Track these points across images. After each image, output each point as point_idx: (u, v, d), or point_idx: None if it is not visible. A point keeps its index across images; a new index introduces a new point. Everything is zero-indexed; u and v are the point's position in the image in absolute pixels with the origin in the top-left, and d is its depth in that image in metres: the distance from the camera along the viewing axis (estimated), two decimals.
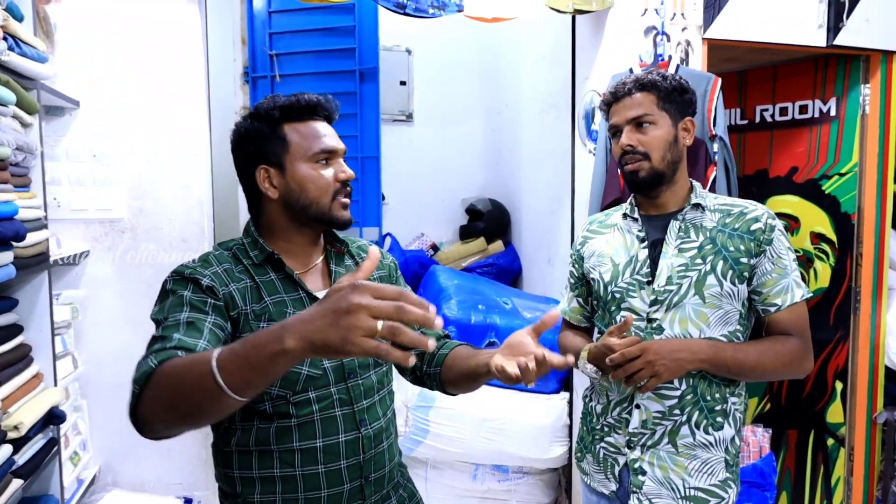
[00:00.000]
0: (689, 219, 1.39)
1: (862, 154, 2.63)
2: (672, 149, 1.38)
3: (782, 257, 1.34)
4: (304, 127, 1.10)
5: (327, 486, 1.08)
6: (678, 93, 1.40)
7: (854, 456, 2.68)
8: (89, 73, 1.82)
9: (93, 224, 1.86)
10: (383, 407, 1.16)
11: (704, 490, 1.35)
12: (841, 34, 2.46)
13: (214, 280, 1.04)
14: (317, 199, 1.09)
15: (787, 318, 1.34)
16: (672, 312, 1.34)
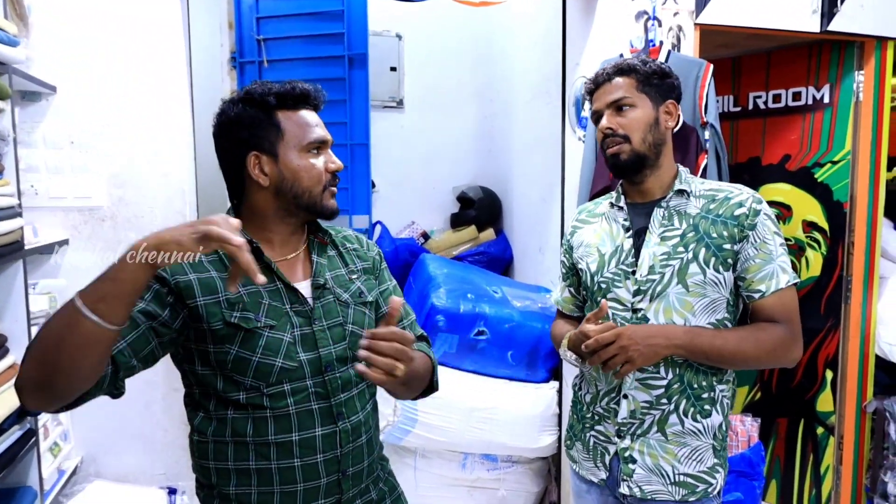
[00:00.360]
0: (672, 206, 1.38)
1: (855, 142, 2.61)
2: (653, 131, 1.37)
3: (767, 242, 1.32)
4: (297, 115, 1.09)
5: (303, 480, 1.07)
6: (658, 76, 1.39)
7: (843, 444, 2.69)
8: (66, 58, 1.78)
9: (72, 212, 1.82)
10: (362, 401, 1.15)
11: (693, 476, 1.35)
12: (835, 20, 2.42)
13: (168, 270, 1.01)
14: (309, 189, 1.09)
15: (771, 304, 1.31)
16: (656, 302, 1.33)
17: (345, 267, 1.18)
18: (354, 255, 1.22)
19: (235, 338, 1.03)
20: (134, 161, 1.85)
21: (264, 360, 1.04)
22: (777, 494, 2.91)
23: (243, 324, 1.03)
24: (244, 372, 1.04)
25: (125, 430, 1.92)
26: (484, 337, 2.52)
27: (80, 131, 1.80)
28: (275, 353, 1.05)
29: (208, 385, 1.06)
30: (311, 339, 1.08)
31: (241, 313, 1.03)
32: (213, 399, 1.07)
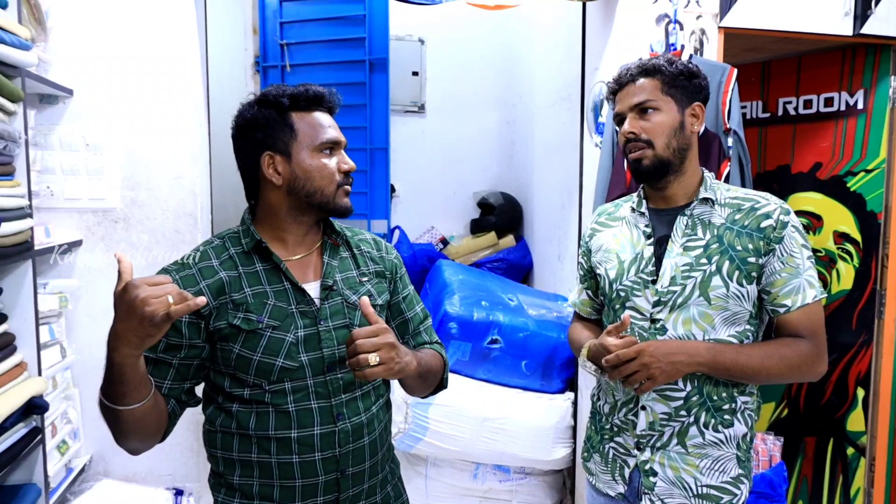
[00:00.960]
0: (696, 214, 1.32)
1: (890, 149, 2.49)
2: (678, 135, 1.31)
3: (794, 256, 1.27)
4: (310, 117, 1.12)
5: (301, 477, 1.09)
6: (685, 77, 1.32)
7: (875, 466, 2.56)
8: (83, 62, 1.81)
9: (86, 213, 1.85)
10: (366, 403, 1.15)
11: (717, 487, 1.31)
12: (869, 22, 2.32)
13: (181, 285, 1.05)
14: (321, 188, 1.11)
15: (797, 319, 1.27)
16: (676, 313, 1.29)
17: (356, 269, 1.19)
18: (368, 257, 1.23)
19: (238, 337, 1.07)
20: (147, 164, 1.87)
21: (265, 359, 1.07)
22: None
23: (244, 325, 1.06)
24: (246, 370, 1.08)
25: None
26: (497, 345, 2.48)
27: (95, 134, 1.83)
28: (276, 353, 1.07)
29: (216, 382, 1.11)
30: (315, 340, 1.10)
31: (244, 314, 1.07)
32: (222, 394, 1.11)
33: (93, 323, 1.89)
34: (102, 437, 1.93)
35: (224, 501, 1.13)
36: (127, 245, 1.88)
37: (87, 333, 1.88)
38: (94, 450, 1.92)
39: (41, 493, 1.52)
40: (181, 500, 1.91)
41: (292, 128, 1.10)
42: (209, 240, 1.16)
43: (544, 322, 2.56)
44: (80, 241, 1.84)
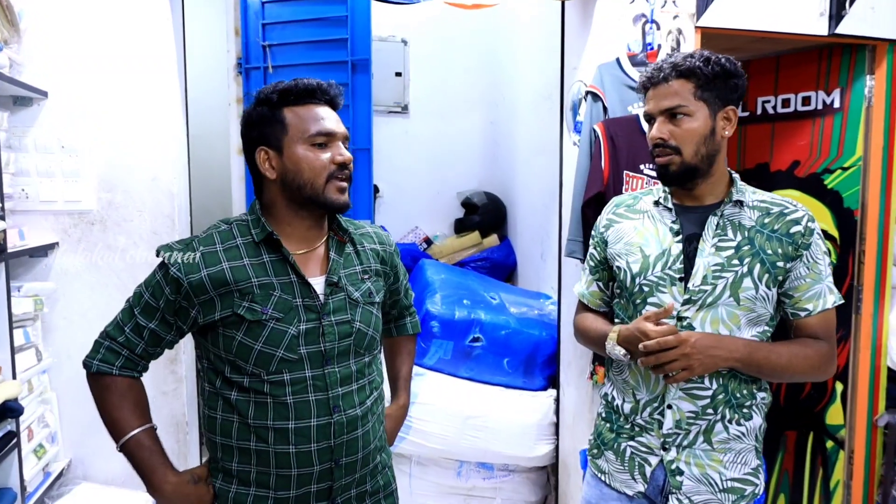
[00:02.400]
0: (727, 215, 1.33)
1: (866, 147, 2.52)
2: (708, 142, 1.29)
3: (818, 262, 1.30)
4: (304, 110, 1.13)
5: (297, 466, 1.12)
6: (721, 79, 1.29)
7: (854, 459, 2.59)
8: (57, 63, 1.80)
9: (62, 216, 1.84)
10: (361, 396, 1.18)
11: (740, 480, 1.33)
12: (844, 22, 2.35)
13: (182, 270, 1.10)
14: (311, 181, 1.11)
15: (816, 322, 1.32)
16: (704, 312, 1.29)
17: (359, 265, 1.22)
18: (372, 254, 1.26)
19: (241, 326, 1.10)
20: (123, 165, 1.87)
21: (266, 349, 1.10)
22: None
23: (248, 315, 1.09)
24: (246, 358, 1.10)
25: None
26: (479, 344, 2.49)
27: (70, 136, 1.82)
28: (276, 344, 1.10)
29: (216, 364, 1.14)
30: (316, 333, 1.13)
31: (248, 304, 1.09)
32: (220, 377, 1.14)
33: (70, 326, 1.88)
34: (82, 441, 1.92)
35: (222, 487, 1.16)
36: (104, 247, 1.87)
37: (64, 337, 1.87)
38: (73, 454, 1.91)
39: (17, 497, 1.51)
40: None
41: (283, 122, 1.12)
42: (216, 224, 1.19)
43: (526, 320, 2.57)
44: (55, 244, 1.83)
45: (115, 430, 1.15)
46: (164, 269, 1.13)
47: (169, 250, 1.13)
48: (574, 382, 2.40)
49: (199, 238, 1.15)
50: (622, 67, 2.13)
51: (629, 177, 2.06)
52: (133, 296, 1.18)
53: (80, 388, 1.90)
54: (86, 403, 1.90)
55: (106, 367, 1.15)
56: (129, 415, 1.14)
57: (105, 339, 1.18)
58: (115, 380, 1.16)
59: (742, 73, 1.33)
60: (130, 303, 1.18)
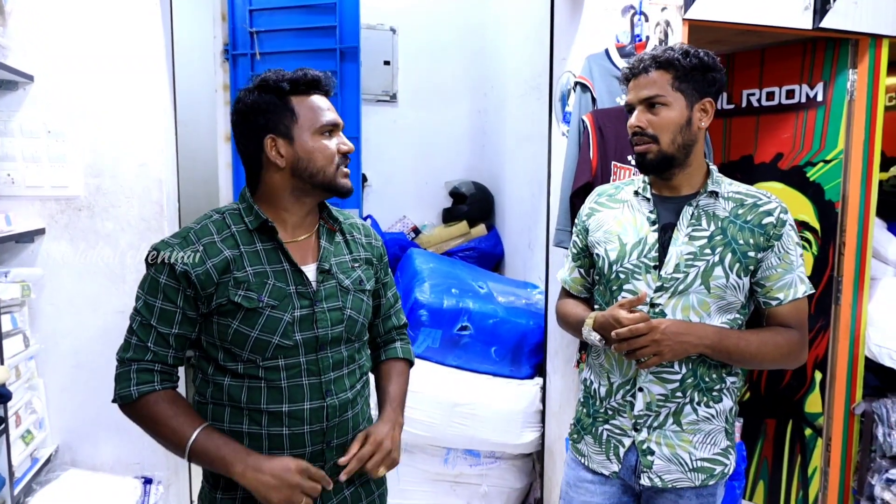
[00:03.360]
0: (702, 205, 1.36)
1: (848, 141, 2.57)
2: (684, 132, 1.33)
3: (789, 253, 1.34)
4: (309, 100, 1.16)
5: (290, 447, 1.14)
6: (699, 71, 1.33)
7: (831, 446, 2.66)
8: (43, 47, 1.77)
9: (48, 201, 1.83)
10: (352, 380, 1.21)
11: (710, 460, 1.38)
12: (828, 17, 2.39)
13: (187, 263, 1.10)
14: (323, 168, 1.15)
15: (787, 311, 1.36)
16: (676, 299, 1.33)
17: (349, 254, 1.24)
18: (360, 244, 1.28)
19: (237, 314, 1.11)
20: (111, 151, 1.85)
21: (262, 336, 1.11)
22: (764, 495, 2.89)
23: (245, 303, 1.11)
24: (242, 345, 1.12)
25: (102, 420, 1.92)
26: (467, 332, 2.51)
27: (57, 121, 1.80)
28: (272, 331, 1.12)
29: (208, 352, 1.15)
30: (310, 320, 1.15)
31: (245, 292, 1.11)
32: (212, 365, 1.15)
33: (57, 312, 1.87)
34: (69, 428, 1.92)
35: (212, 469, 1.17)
36: (92, 233, 1.86)
37: (51, 323, 1.86)
38: (61, 440, 1.90)
39: (5, 482, 1.51)
40: (150, 488, 1.91)
41: (293, 111, 1.14)
42: (208, 214, 1.19)
43: (513, 309, 2.59)
44: (42, 230, 1.82)
45: (177, 440, 1.09)
46: (167, 270, 1.11)
47: (168, 247, 1.12)
48: (560, 371, 2.44)
49: (194, 230, 1.15)
50: (611, 58, 2.15)
51: (617, 167, 2.08)
52: (141, 309, 1.13)
53: (67, 375, 1.90)
54: (72, 390, 1.91)
55: (147, 387, 1.11)
56: (185, 420, 1.10)
57: (130, 364, 1.13)
58: (160, 394, 1.12)
59: (720, 68, 1.36)
60: (142, 318, 1.13)
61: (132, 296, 1.91)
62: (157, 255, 1.12)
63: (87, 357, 1.89)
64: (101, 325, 1.89)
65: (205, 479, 1.22)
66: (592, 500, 1.44)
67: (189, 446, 1.07)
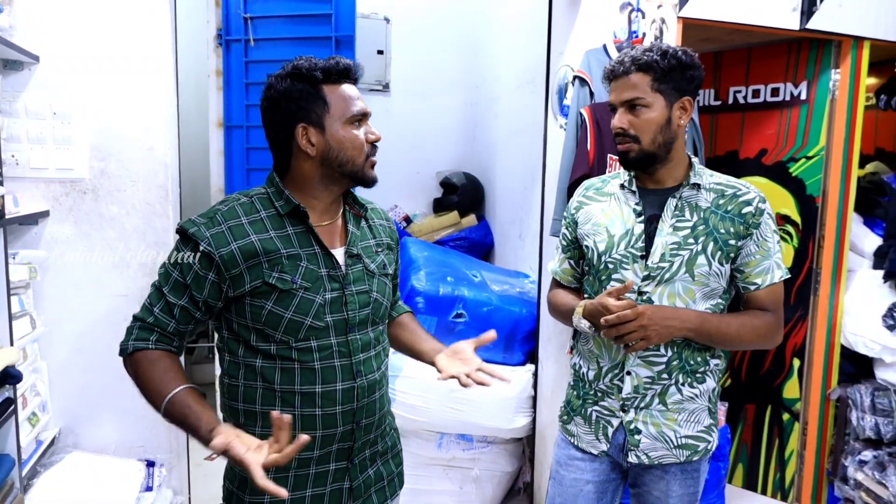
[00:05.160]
0: (685, 197, 1.43)
1: (829, 138, 2.67)
2: (664, 131, 1.39)
3: (767, 240, 1.41)
4: (340, 89, 1.17)
5: (322, 428, 1.17)
6: (678, 71, 1.39)
7: (808, 430, 2.78)
8: (50, 28, 1.76)
9: (53, 184, 1.82)
10: (378, 361, 1.25)
11: (694, 437, 1.45)
12: (814, 18, 2.48)
13: (212, 244, 1.11)
14: (353, 158, 1.16)
15: (765, 296, 1.43)
16: (662, 287, 1.40)
17: (373, 239, 1.28)
18: (381, 229, 1.32)
19: (271, 295, 1.13)
20: (117, 134, 1.85)
21: (295, 318, 1.13)
22: (743, 478, 3.00)
23: (280, 284, 1.13)
24: (275, 327, 1.14)
25: (104, 403, 1.93)
26: (462, 320, 2.56)
27: (62, 102, 1.79)
28: (305, 312, 1.14)
29: (240, 334, 1.17)
30: (339, 302, 1.17)
31: (279, 274, 1.13)
32: (242, 346, 1.17)
33: (61, 295, 1.87)
34: (71, 410, 1.92)
35: None
36: (96, 217, 1.86)
37: (55, 305, 1.86)
38: (63, 423, 1.91)
39: (15, 463, 1.52)
40: (153, 471, 1.92)
41: (325, 100, 1.15)
42: (234, 196, 1.20)
43: (507, 297, 2.65)
44: (47, 212, 1.81)
45: (155, 397, 1.10)
46: (191, 246, 1.13)
47: (194, 226, 1.14)
48: (553, 357, 2.50)
49: (221, 212, 1.16)
50: (608, 54, 2.20)
51: (612, 160, 2.14)
52: (160, 276, 1.17)
53: (70, 357, 1.91)
54: (75, 372, 1.92)
55: (142, 343, 1.14)
56: (165, 378, 1.11)
57: (135, 321, 1.17)
58: (150, 352, 1.14)
59: (698, 64, 1.43)
60: (158, 284, 1.17)
61: (136, 280, 1.94)
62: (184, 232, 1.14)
63: (90, 340, 1.90)
64: (105, 308, 1.89)
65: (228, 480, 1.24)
66: (582, 478, 1.52)
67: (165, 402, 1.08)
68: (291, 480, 1.18)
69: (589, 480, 1.51)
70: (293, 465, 1.17)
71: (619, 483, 1.54)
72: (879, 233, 2.73)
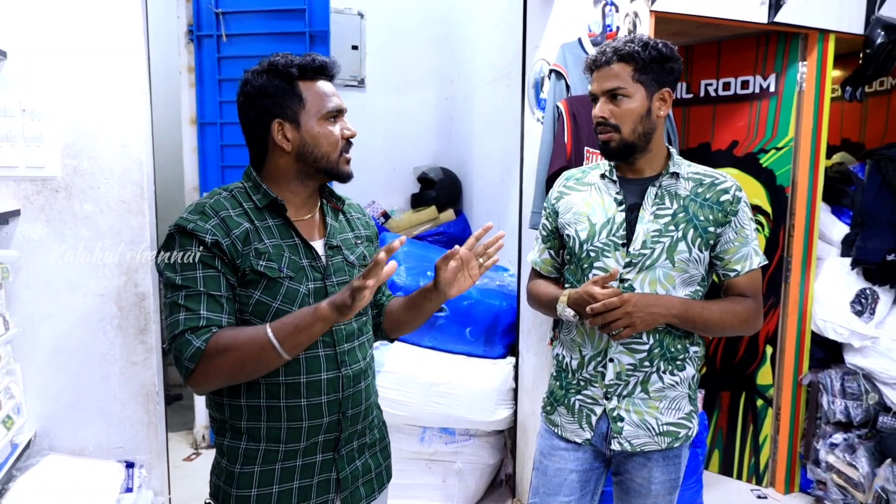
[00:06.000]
0: (665, 185, 1.46)
1: (797, 129, 2.74)
2: (644, 121, 1.42)
3: (745, 227, 1.45)
4: (315, 86, 1.18)
5: (308, 418, 1.17)
6: (657, 62, 1.42)
7: (781, 415, 2.85)
8: (18, 22, 1.72)
9: (24, 182, 1.78)
10: (363, 352, 1.25)
11: (675, 424, 1.48)
12: (782, 11, 2.53)
13: (216, 233, 1.11)
14: (327, 154, 1.17)
15: (744, 282, 1.47)
16: (643, 274, 1.43)
17: (351, 232, 1.29)
18: (360, 222, 1.33)
19: (259, 284, 1.13)
20: (89, 131, 1.81)
21: (282, 307, 1.14)
22: (719, 463, 3.07)
23: (268, 272, 1.13)
24: (262, 317, 1.13)
25: (81, 405, 1.89)
26: (443, 314, 2.57)
27: (32, 99, 1.75)
28: (292, 301, 1.15)
29: None
30: (322, 293, 1.18)
31: (266, 263, 1.14)
32: None
33: (34, 296, 1.83)
34: (48, 412, 1.89)
35: (230, 444, 1.19)
36: (70, 215, 1.82)
37: (29, 306, 1.82)
38: (39, 425, 1.87)
39: None
40: (133, 472, 1.90)
41: (300, 97, 1.16)
42: (216, 191, 1.19)
43: (487, 290, 2.67)
44: (17, 211, 1.77)
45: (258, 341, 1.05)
46: (196, 243, 1.11)
47: (191, 222, 1.12)
48: (534, 349, 2.53)
49: (209, 205, 1.15)
50: (584, 47, 2.23)
51: (590, 153, 2.17)
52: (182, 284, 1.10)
53: (45, 359, 1.87)
54: (51, 374, 1.88)
55: (208, 334, 1.07)
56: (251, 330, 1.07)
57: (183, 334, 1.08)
58: (221, 332, 1.07)
59: (677, 57, 1.46)
60: (187, 291, 1.09)
61: (112, 279, 1.91)
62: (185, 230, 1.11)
63: (66, 341, 1.86)
64: (81, 308, 1.86)
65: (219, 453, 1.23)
66: (566, 467, 1.54)
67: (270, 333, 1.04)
68: (278, 473, 1.18)
69: (573, 469, 1.53)
70: (279, 457, 1.18)
71: (601, 471, 1.57)
72: (846, 221, 2.81)
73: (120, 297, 1.89)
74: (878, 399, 2.62)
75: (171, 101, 3.26)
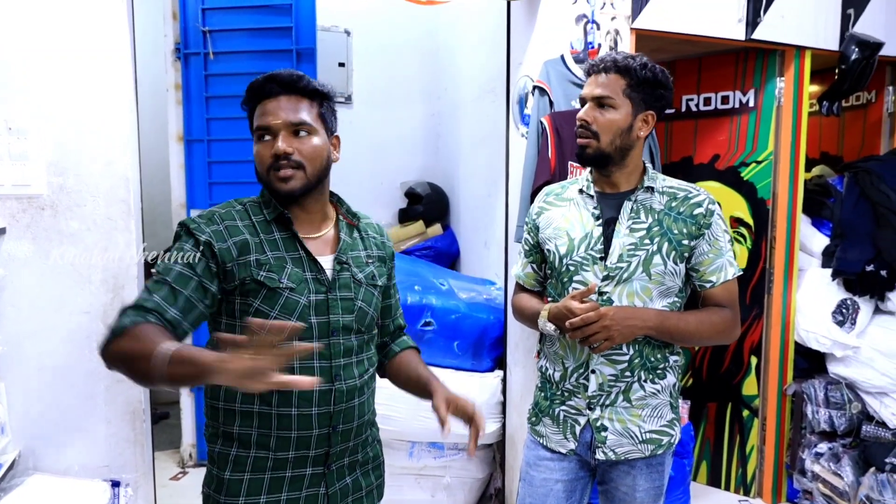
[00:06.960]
0: (640, 200, 1.49)
1: (777, 143, 2.80)
2: (623, 136, 1.45)
3: (718, 239, 1.48)
4: (261, 106, 1.21)
5: (298, 428, 1.19)
6: (649, 85, 1.45)
7: (766, 426, 2.88)
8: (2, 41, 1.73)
9: (9, 200, 1.77)
10: (360, 369, 1.26)
11: (657, 431, 1.51)
12: (759, 29, 2.60)
13: (213, 236, 1.16)
14: (261, 172, 1.21)
15: (720, 292, 1.50)
16: (621, 287, 1.45)
17: (364, 251, 1.30)
18: (373, 242, 1.34)
19: (259, 294, 1.16)
20: (75, 149, 1.81)
21: (281, 317, 1.16)
22: (707, 474, 3.09)
23: (268, 282, 1.16)
24: None
25: (66, 423, 1.88)
26: (431, 328, 2.58)
27: (18, 117, 1.75)
28: (291, 312, 1.17)
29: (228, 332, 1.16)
30: (324, 306, 1.20)
31: (266, 273, 1.16)
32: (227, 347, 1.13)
33: (19, 315, 1.82)
34: (31, 432, 1.87)
35: (221, 451, 1.21)
36: (56, 233, 1.82)
37: (14, 325, 1.81)
38: (23, 445, 1.85)
39: None
40: (119, 491, 1.88)
41: (253, 119, 1.22)
42: (231, 202, 1.25)
43: (475, 304, 2.68)
44: (3, 229, 1.77)
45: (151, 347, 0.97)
46: (192, 240, 1.16)
47: (195, 222, 1.18)
48: (521, 362, 2.54)
49: (219, 213, 1.20)
50: (566, 64, 2.27)
51: (573, 167, 2.20)
52: (160, 272, 1.14)
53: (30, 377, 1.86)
54: (36, 393, 1.87)
55: (138, 318, 1.06)
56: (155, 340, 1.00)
57: (129, 308, 1.08)
58: (145, 324, 1.05)
59: (670, 87, 1.50)
60: (159, 277, 1.13)
61: (98, 296, 1.91)
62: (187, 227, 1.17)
63: (51, 359, 1.85)
64: (67, 326, 1.85)
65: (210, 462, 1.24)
66: (551, 477, 1.55)
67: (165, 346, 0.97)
68: (267, 482, 1.19)
69: (558, 480, 1.55)
70: (269, 464, 1.19)
71: (587, 481, 1.58)
72: (826, 233, 2.86)
73: (106, 314, 1.88)
74: (861, 408, 2.66)
75: (159, 118, 3.27)
